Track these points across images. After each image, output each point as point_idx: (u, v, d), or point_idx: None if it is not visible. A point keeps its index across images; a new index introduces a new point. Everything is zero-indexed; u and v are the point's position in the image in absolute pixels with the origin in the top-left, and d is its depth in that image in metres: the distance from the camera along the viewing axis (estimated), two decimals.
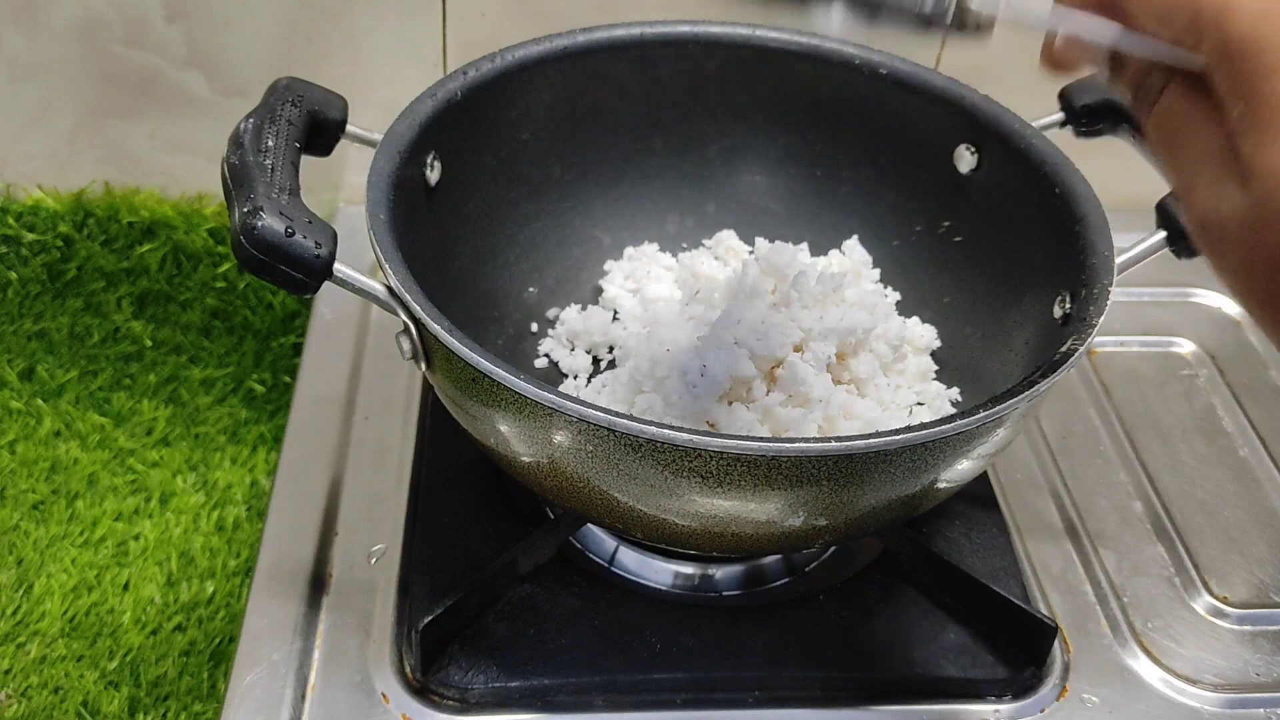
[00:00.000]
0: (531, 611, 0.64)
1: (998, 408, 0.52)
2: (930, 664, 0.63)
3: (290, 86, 0.61)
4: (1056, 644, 0.65)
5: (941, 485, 0.57)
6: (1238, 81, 0.40)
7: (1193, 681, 0.65)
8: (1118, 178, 0.71)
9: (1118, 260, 0.60)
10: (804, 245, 0.77)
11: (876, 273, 0.76)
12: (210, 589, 0.76)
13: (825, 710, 0.62)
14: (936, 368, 0.73)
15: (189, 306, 0.92)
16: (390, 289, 0.55)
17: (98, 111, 0.90)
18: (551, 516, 0.68)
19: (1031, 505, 0.74)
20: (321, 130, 0.62)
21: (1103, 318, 0.57)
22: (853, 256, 0.76)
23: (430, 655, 0.61)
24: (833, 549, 0.70)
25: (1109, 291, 0.58)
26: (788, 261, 0.71)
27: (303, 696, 0.61)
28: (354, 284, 0.54)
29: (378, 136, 0.63)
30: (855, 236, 0.77)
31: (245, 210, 0.52)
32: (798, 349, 0.67)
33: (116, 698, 0.70)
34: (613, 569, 0.68)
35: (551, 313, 0.77)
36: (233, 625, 0.74)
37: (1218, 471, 0.78)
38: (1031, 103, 0.69)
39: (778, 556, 0.68)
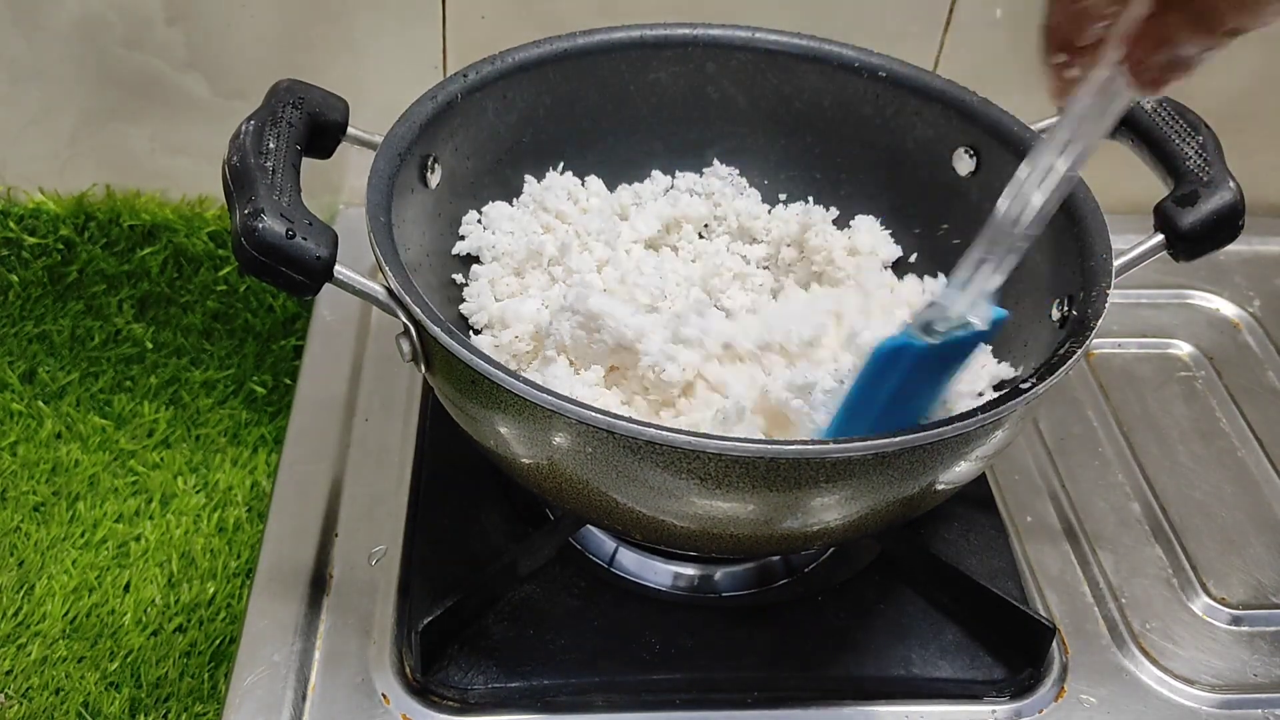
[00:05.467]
0: (531, 612, 0.64)
1: (996, 410, 0.53)
2: (928, 665, 0.64)
3: (291, 89, 0.61)
4: (1054, 645, 0.65)
5: (940, 487, 0.57)
6: None
7: (1190, 682, 0.65)
8: (1116, 181, 0.72)
9: (1116, 263, 0.60)
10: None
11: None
12: (211, 590, 0.76)
13: (824, 710, 0.62)
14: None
15: (190, 309, 0.93)
16: (390, 291, 0.55)
17: (98, 114, 0.90)
18: (551, 518, 0.69)
19: (1030, 506, 0.74)
20: (322, 132, 0.62)
21: (1101, 320, 0.57)
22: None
23: (430, 656, 0.61)
24: (831, 550, 0.70)
25: (1107, 294, 0.59)
26: None
27: (303, 697, 0.61)
28: (354, 286, 0.55)
29: (378, 139, 0.63)
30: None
31: (246, 212, 0.52)
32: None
33: (117, 699, 0.70)
34: (612, 570, 0.68)
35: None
36: (233, 626, 0.74)
37: (1215, 473, 0.78)
38: (1030, 106, 0.70)
39: (777, 558, 0.68)
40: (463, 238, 0.71)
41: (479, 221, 0.72)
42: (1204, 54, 0.44)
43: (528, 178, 0.74)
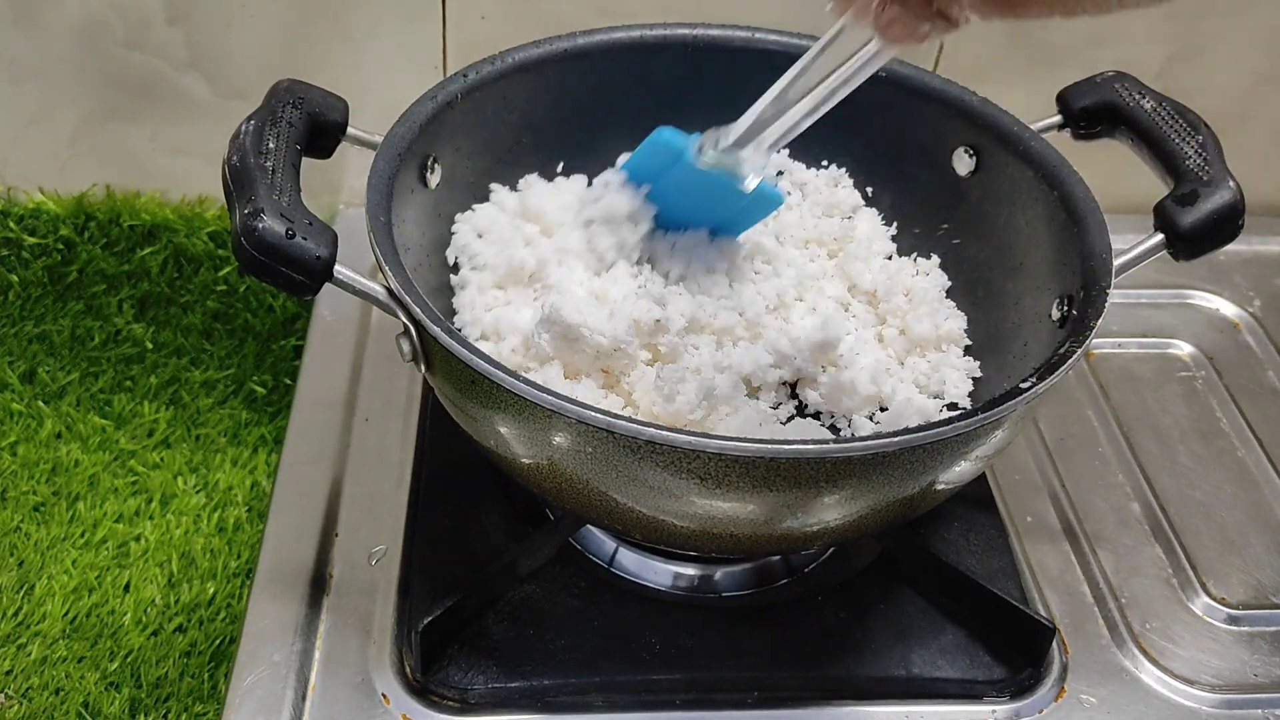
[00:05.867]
0: (531, 612, 0.64)
1: (996, 410, 0.53)
2: (928, 665, 0.64)
3: (291, 89, 0.61)
4: (1054, 645, 0.65)
5: (940, 487, 0.57)
6: None
7: (1190, 682, 0.65)
8: (1116, 180, 0.72)
9: (1116, 262, 0.60)
10: None
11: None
12: (211, 590, 0.76)
13: (823, 710, 0.62)
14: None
15: (190, 309, 0.93)
16: (390, 291, 0.55)
17: (98, 114, 0.90)
18: (551, 517, 0.69)
19: (1030, 506, 0.74)
20: (322, 132, 0.62)
21: (1100, 320, 0.57)
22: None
23: (430, 656, 0.61)
24: (831, 550, 0.70)
25: (1107, 294, 0.58)
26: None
27: (303, 697, 0.61)
28: (354, 286, 0.55)
29: (378, 139, 0.63)
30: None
31: (246, 212, 0.52)
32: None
33: (117, 699, 0.70)
34: (612, 570, 0.68)
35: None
36: (233, 626, 0.74)
37: (1215, 473, 0.78)
38: (1030, 105, 0.70)
39: (777, 557, 0.68)
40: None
41: (468, 226, 0.71)
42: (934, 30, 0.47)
43: (494, 187, 0.72)
